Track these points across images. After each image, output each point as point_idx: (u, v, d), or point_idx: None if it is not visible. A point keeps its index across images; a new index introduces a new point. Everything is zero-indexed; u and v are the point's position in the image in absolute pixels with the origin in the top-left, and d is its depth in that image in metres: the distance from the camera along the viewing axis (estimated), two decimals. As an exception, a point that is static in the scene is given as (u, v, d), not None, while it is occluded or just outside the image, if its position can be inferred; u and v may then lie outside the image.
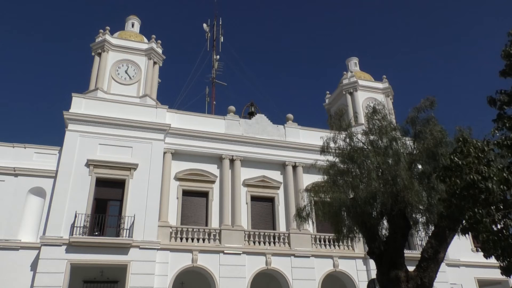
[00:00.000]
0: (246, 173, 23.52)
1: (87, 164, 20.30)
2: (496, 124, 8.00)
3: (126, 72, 24.30)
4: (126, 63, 24.52)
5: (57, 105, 72.38)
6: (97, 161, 20.42)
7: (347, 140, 13.65)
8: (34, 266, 17.98)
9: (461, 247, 23.29)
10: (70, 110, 21.17)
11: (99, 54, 24.17)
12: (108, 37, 24.58)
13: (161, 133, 22.18)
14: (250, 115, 27.27)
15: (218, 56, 34.45)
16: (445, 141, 11.84)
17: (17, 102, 66.18)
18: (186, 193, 22.32)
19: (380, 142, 13.03)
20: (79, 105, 21.54)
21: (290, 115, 26.18)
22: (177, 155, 22.61)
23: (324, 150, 13.78)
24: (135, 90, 23.94)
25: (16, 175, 19.75)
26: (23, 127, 63.73)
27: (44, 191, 19.83)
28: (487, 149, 7.64)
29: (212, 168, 23.15)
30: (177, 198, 21.91)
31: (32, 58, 68.47)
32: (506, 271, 7.67)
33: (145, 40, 26.11)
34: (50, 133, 66.60)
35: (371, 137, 13.41)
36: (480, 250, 9.05)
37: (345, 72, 31.84)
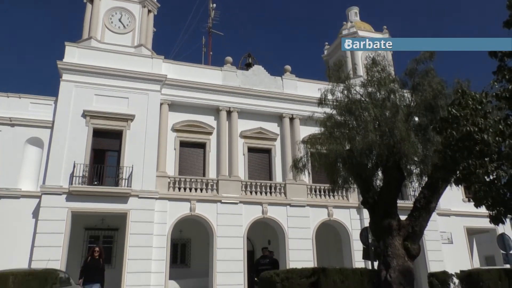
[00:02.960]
0: (243, 125, 23.57)
1: (84, 115, 20.19)
2: (495, 76, 7.90)
3: (119, 20, 23.53)
4: (119, 11, 23.67)
5: (51, 54, 70.77)
6: (94, 111, 20.29)
7: (345, 92, 13.51)
8: (35, 214, 18.37)
9: (452, 197, 23.87)
10: (64, 60, 20.72)
11: (91, 1, 23.26)
12: (100, -18, 23.54)
13: (158, 84, 21.91)
14: (248, 66, 26.86)
15: (214, 5, 33.32)
16: (443, 93, 11.75)
17: (10, 51, 64.57)
18: (183, 144, 22.46)
19: (378, 94, 12.92)
20: (73, 54, 21.06)
21: (288, 67, 25.77)
22: (174, 106, 22.50)
23: (321, 102, 13.63)
24: (130, 40, 23.30)
25: (12, 125, 19.67)
26: (16, 76, 62.63)
27: (41, 141, 19.84)
28: (485, 101, 7.62)
29: (209, 120, 23.15)
30: (175, 149, 22.08)
31: (23, 7, 65.98)
32: (495, 220, 7.90)
33: (139, -14, 25.04)
34: (45, 83, 65.60)
35: (369, 89, 13.27)
36: (471, 200, 9.30)
37: (344, 23, 31.04)
